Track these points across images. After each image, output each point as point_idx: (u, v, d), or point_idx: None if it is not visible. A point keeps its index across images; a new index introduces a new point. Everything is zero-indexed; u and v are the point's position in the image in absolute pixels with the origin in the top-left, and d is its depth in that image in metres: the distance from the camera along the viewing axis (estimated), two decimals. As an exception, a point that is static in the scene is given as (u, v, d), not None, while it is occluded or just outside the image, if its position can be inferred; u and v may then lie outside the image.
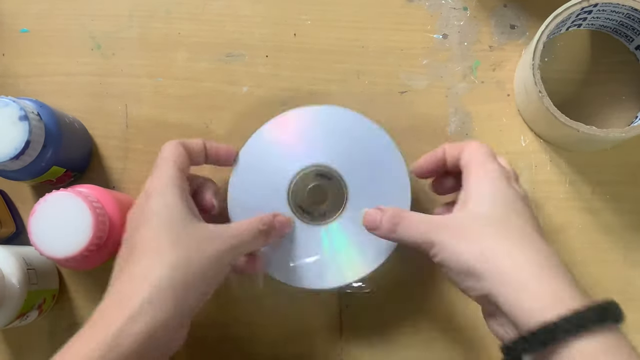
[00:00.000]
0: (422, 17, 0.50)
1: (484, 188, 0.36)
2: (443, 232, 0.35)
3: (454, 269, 0.34)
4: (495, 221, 0.35)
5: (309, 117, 0.44)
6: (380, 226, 0.38)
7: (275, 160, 0.43)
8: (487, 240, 0.34)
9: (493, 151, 0.39)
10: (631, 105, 0.48)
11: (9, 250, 0.43)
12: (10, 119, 0.40)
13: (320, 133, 0.44)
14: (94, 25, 0.50)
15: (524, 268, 0.32)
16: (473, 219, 0.35)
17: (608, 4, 0.44)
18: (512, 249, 0.33)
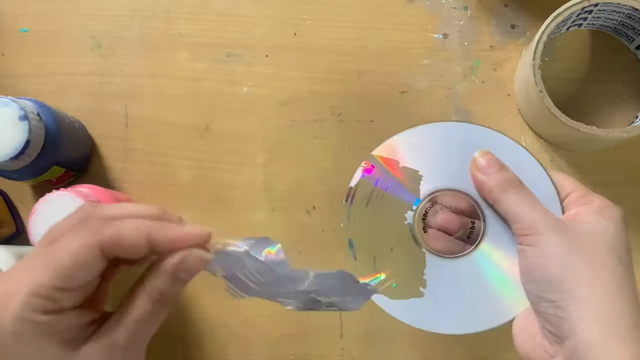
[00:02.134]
0: (423, 16, 0.50)
1: (608, 223, 0.32)
2: (557, 229, 0.31)
3: (542, 268, 0.31)
4: (612, 256, 0.31)
5: (442, 134, 0.36)
6: (490, 175, 0.33)
7: (425, 165, 0.36)
8: (597, 265, 0.30)
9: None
10: (632, 105, 0.48)
11: (8, 250, 0.43)
12: (10, 119, 0.40)
13: (453, 152, 0.36)
14: (94, 25, 0.50)
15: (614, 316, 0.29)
16: (593, 242, 0.31)
17: (609, 4, 0.44)
18: (615, 291, 0.30)
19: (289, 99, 0.49)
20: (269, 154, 0.49)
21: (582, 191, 0.33)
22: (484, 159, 0.34)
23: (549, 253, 0.31)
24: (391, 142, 0.37)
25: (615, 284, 0.30)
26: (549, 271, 0.30)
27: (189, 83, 0.50)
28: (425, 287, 0.35)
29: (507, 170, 0.33)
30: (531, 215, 0.32)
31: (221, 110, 0.49)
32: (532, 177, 0.34)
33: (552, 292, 0.30)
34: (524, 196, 0.32)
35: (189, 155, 0.49)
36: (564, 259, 0.30)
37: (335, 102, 0.49)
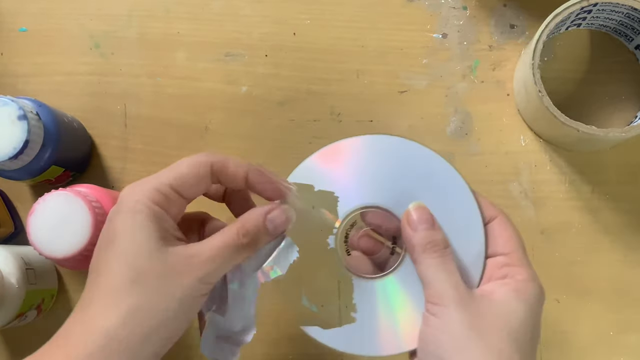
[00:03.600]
0: (422, 16, 0.50)
1: (519, 306, 0.31)
2: (464, 306, 0.30)
3: (436, 342, 0.30)
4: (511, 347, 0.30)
5: (362, 147, 0.35)
6: (417, 232, 0.32)
7: (338, 185, 0.35)
8: (491, 355, 0.29)
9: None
10: (631, 105, 0.48)
11: (7, 250, 0.43)
12: (9, 119, 0.40)
13: (376, 168, 0.35)
14: (93, 25, 0.50)
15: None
16: (497, 326, 0.30)
17: (608, 4, 0.44)
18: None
19: (288, 99, 0.49)
20: (268, 153, 0.49)
21: (515, 259, 0.32)
22: (417, 213, 0.33)
23: (448, 330, 0.30)
24: (307, 164, 0.35)
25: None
26: (443, 348, 0.30)
27: (188, 83, 0.49)
28: (355, 311, 0.34)
29: (436, 230, 0.32)
30: (443, 284, 0.31)
31: (220, 110, 0.49)
32: (467, 225, 0.33)
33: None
34: (442, 263, 0.32)
35: (188, 155, 0.49)
36: (461, 340, 0.29)
37: (335, 102, 0.49)
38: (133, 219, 0.30)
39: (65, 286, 0.48)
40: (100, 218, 0.39)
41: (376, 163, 0.35)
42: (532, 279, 0.32)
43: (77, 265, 0.41)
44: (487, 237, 0.33)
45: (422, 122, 0.49)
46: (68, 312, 0.47)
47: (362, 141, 0.35)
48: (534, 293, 0.31)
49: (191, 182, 0.32)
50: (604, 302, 0.47)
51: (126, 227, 0.30)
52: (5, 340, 0.48)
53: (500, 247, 0.33)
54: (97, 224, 0.38)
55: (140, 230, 0.30)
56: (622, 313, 0.46)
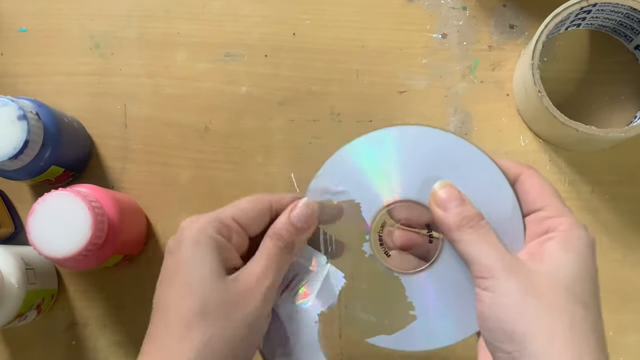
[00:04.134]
0: (422, 16, 0.50)
1: (569, 256, 0.30)
2: (513, 273, 0.29)
3: (497, 317, 0.29)
4: (572, 300, 0.29)
5: (368, 147, 0.34)
6: (448, 211, 0.31)
7: (357, 191, 0.34)
8: (554, 314, 0.28)
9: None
10: (630, 105, 0.48)
11: (7, 250, 0.43)
12: (9, 119, 0.40)
13: (388, 162, 0.34)
14: (93, 25, 0.50)
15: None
16: (551, 284, 0.29)
17: (607, 4, 0.44)
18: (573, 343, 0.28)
19: (288, 99, 0.49)
20: (268, 154, 0.49)
21: (553, 209, 0.31)
22: (444, 192, 0.32)
23: (504, 301, 0.29)
24: (320, 179, 0.35)
25: (573, 334, 0.28)
26: (504, 320, 0.29)
27: (188, 83, 0.49)
28: (414, 309, 0.34)
29: (467, 205, 0.31)
30: (487, 257, 0.30)
31: (220, 110, 0.49)
32: (495, 191, 0.32)
33: (506, 342, 0.29)
34: (481, 235, 0.31)
35: (188, 155, 0.49)
36: (519, 307, 0.29)
37: (334, 102, 0.49)
38: (195, 250, 0.31)
39: (65, 286, 0.48)
40: (99, 218, 0.39)
41: (386, 158, 0.34)
42: (575, 227, 0.30)
43: (77, 265, 0.41)
44: (519, 196, 0.32)
45: (422, 122, 0.48)
46: (68, 312, 0.48)
47: (366, 140, 0.34)
48: (581, 240, 0.30)
49: (251, 214, 0.33)
50: (603, 302, 0.46)
51: (189, 258, 0.31)
52: (5, 340, 0.48)
53: (533, 202, 0.32)
54: (97, 224, 0.38)
55: (203, 262, 0.31)
56: (621, 313, 0.46)
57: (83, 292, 0.48)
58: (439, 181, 0.32)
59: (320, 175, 0.35)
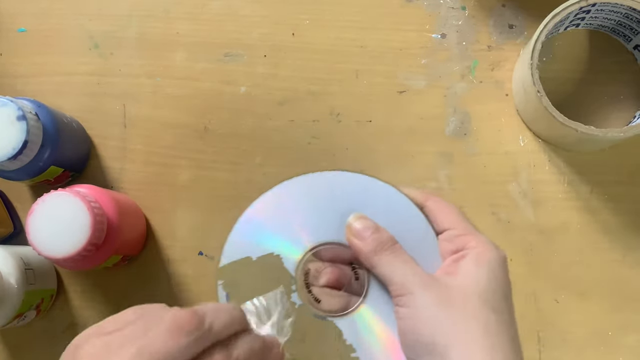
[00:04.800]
0: (421, 16, 0.50)
1: (480, 270, 0.31)
2: (427, 287, 0.30)
3: (414, 330, 0.30)
4: (484, 307, 0.30)
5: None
6: (365, 240, 0.32)
7: (273, 244, 0.34)
8: (468, 322, 0.29)
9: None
10: (629, 105, 0.48)
11: (6, 250, 0.43)
12: (8, 119, 0.40)
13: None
14: (92, 25, 0.50)
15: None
16: (464, 294, 0.30)
17: (606, 4, 0.44)
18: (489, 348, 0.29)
19: (287, 99, 0.49)
20: (267, 154, 0.49)
21: (460, 229, 0.33)
22: (359, 223, 0.33)
23: (420, 314, 0.30)
24: (234, 239, 0.34)
25: (489, 339, 0.29)
26: (421, 333, 0.30)
27: (188, 83, 0.49)
28: (354, 350, 0.33)
29: (381, 232, 0.32)
30: (402, 274, 0.31)
31: (220, 111, 0.49)
32: (406, 217, 0.34)
33: (426, 355, 0.29)
34: (396, 255, 0.32)
35: (187, 156, 0.49)
36: (434, 319, 0.29)
37: (334, 102, 0.49)
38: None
39: (65, 286, 0.48)
40: (99, 218, 0.39)
41: (300, 205, 0.34)
42: (484, 243, 0.32)
43: (76, 265, 0.41)
44: (429, 219, 0.34)
45: (421, 122, 0.49)
46: (67, 312, 0.48)
47: (278, 191, 0.35)
48: (492, 256, 0.31)
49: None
50: (602, 302, 0.47)
51: None
52: (4, 341, 0.48)
53: (442, 222, 0.33)
54: (96, 224, 0.38)
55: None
56: (620, 313, 0.46)
57: (82, 292, 0.48)
58: (353, 214, 0.33)
59: (235, 236, 0.34)
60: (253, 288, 0.33)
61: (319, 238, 0.34)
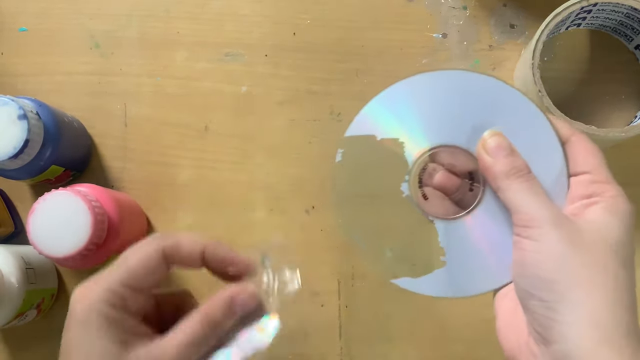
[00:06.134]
0: (422, 16, 0.50)
1: (613, 221, 0.30)
2: (559, 225, 0.29)
3: (538, 264, 0.29)
4: (615, 260, 0.29)
5: (420, 87, 0.34)
6: (497, 159, 0.31)
7: (400, 131, 0.33)
8: (597, 269, 0.28)
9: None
10: (631, 105, 0.48)
11: (7, 249, 0.43)
12: (9, 118, 0.40)
13: (438, 105, 0.33)
14: (93, 24, 0.50)
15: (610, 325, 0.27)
16: (595, 241, 0.29)
17: (608, 4, 0.44)
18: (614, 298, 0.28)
19: (287, 99, 0.49)
20: (268, 153, 0.49)
21: (599, 175, 0.31)
22: (494, 141, 0.31)
23: (547, 249, 0.29)
24: (364, 115, 0.34)
25: (615, 290, 0.28)
26: (545, 268, 0.28)
27: (188, 82, 0.50)
28: (444, 254, 0.33)
29: (516, 156, 0.31)
30: (534, 207, 0.30)
31: (220, 110, 0.49)
32: (544, 148, 0.32)
33: (545, 290, 0.28)
34: (529, 186, 0.30)
35: (188, 155, 0.49)
36: (563, 257, 0.28)
37: (334, 102, 0.49)
38: (85, 331, 0.28)
39: (65, 286, 0.48)
40: (99, 218, 0.39)
41: (437, 101, 0.33)
42: (621, 195, 0.30)
43: (77, 264, 0.41)
44: (567, 157, 0.32)
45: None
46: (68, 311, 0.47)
47: (419, 80, 0.34)
48: (626, 209, 0.30)
49: (143, 273, 0.30)
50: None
51: (79, 342, 0.28)
52: (5, 340, 0.48)
53: (582, 165, 0.31)
54: (97, 224, 0.38)
55: (94, 344, 0.28)
56: (621, 313, 0.46)
57: (83, 292, 0.48)
58: (489, 130, 0.32)
59: (366, 112, 0.34)
60: (368, 166, 0.33)
61: (445, 138, 0.33)
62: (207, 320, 0.30)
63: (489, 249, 0.33)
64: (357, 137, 0.34)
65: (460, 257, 0.33)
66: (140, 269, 0.30)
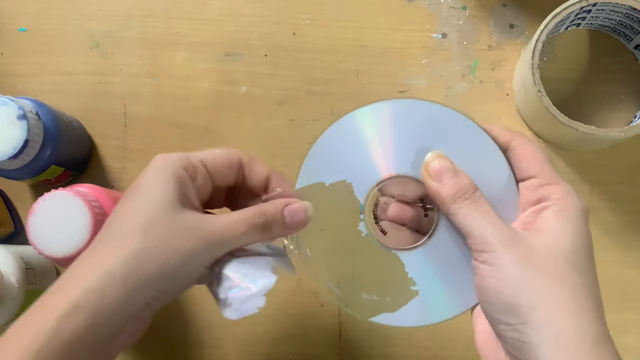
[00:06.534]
0: (422, 16, 0.50)
1: (565, 226, 0.30)
2: (511, 245, 0.29)
3: (496, 289, 0.29)
4: (570, 269, 0.29)
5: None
6: (443, 183, 0.31)
7: (346, 171, 0.34)
8: (554, 284, 0.28)
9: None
10: (630, 105, 0.48)
11: (7, 249, 0.43)
12: (9, 118, 0.40)
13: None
14: (93, 25, 0.50)
15: (576, 339, 0.28)
16: (549, 256, 0.29)
17: (607, 4, 0.44)
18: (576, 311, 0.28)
19: (287, 99, 0.49)
20: (267, 153, 0.49)
21: (545, 177, 0.31)
22: (437, 163, 0.31)
23: (504, 274, 0.29)
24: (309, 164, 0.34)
25: (575, 302, 0.28)
26: (504, 293, 0.29)
27: (188, 83, 0.50)
28: (415, 284, 0.34)
29: (461, 177, 0.31)
30: (485, 230, 0.30)
31: (220, 110, 0.49)
32: (487, 159, 0.32)
33: (508, 314, 0.28)
34: (476, 207, 0.30)
35: (187, 155, 0.49)
36: (519, 279, 0.28)
37: (334, 102, 0.49)
38: (157, 175, 0.31)
39: (65, 286, 0.48)
40: (99, 218, 0.39)
41: (375, 134, 0.33)
42: (569, 194, 0.30)
43: (76, 264, 0.41)
44: (511, 164, 0.32)
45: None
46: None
47: (351, 118, 0.34)
48: (576, 208, 0.30)
49: (221, 164, 0.33)
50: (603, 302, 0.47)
51: (149, 182, 0.31)
52: (5, 340, 0.48)
53: (526, 169, 0.31)
54: (97, 224, 0.38)
55: (162, 186, 0.31)
56: (621, 313, 0.46)
57: (83, 292, 0.48)
58: (431, 152, 0.32)
59: (308, 162, 0.34)
60: (324, 214, 0.34)
61: (392, 169, 0.33)
62: (260, 212, 0.32)
63: (455, 271, 0.33)
64: (307, 188, 0.34)
65: (430, 283, 0.34)
66: (220, 159, 0.33)
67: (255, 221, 0.31)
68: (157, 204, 0.30)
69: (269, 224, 0.32)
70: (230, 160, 0.33)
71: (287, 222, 0.32)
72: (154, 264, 0.29)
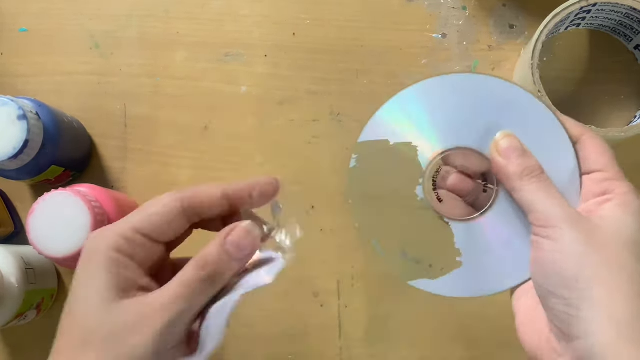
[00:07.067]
0: (422, 16, 0.50)
1: (627, 219, 0.30)
2: (575, 224, 0.30)
3: (557, 263, 0.29)
4: (631, 257, 0.29)
5: (430, 90, 0.34)
6: (510, 161, 0.32)
7: (413, 135, 0.34)
8: (615, 266, 0.29)
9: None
10: (630, 105, 0.48)
11: (7, 249, 0.43)
12: (8, 118, 0.40)
13: (449, 108, 0.34)
14: (93, 25, 0.50)
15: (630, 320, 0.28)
16: (612, 240, 0.30)
17: (607, 4, 0.44)
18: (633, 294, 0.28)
19: (287, 99, 0.49)
20: (267, 153, 0.49)
21: (611, 173, 0.31)
22: (506, 142, 0.32)
23: (566, 248, 0.29)
24: (377, 120, 0.34)
25: (633, 287, 0.28)
26: (564, 267, 0.29)
27: (188, 83, 0.50)
28: (460, 255, 0.34)
29: (529, 157, 0.32)
30: (549, 207, 0.30)
31: (220, 110, 0.49)
32: (556, 147, 0.32)
33: (564, 288, 0.29)
34: (543, 187, 0.31)
35: (188, 155, 0.49)
36: (581, 256, 0.29)
37: (334, 102, 0.49)
38: (86, 271, 0.28)
39: (65, 286, 0.48)
40: (99, 218, 0.39)
41: (449, 104, 0.34)
42: (632, 191, 0.31)
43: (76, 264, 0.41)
44: (579, 156, 0.32)
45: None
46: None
47: (430, 84, 0.34)
48: (638, 205, 0.31)
49: (160, 222, 0.29)
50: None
51: (80, 281, 0.28)
52: (5, 340, 0.48)
53: (593, 163, 0.32)
54: (97, 224, 0.39)
55: (91, 284, 0.28)
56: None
57: (83, 292, 0.48)
58: (502, 131, 0.33)
59: (378, 117, 0.34)
60: (382, 171, 0.34)
61: (458, 140, 0.34)
62: (201, 262, 0.28)
63: (504, 248, 0.33)
64: (371, 142, 0.34)
65: (476, 257, 0.34)
66: (156, 218, 0.29)
67: (200, 276, 0.28)
68: (89, 310, 0.27)
69: (217, 271, 0.28)
70: (167, 212, 0.29)
71: (234, 254, 0.29)
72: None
